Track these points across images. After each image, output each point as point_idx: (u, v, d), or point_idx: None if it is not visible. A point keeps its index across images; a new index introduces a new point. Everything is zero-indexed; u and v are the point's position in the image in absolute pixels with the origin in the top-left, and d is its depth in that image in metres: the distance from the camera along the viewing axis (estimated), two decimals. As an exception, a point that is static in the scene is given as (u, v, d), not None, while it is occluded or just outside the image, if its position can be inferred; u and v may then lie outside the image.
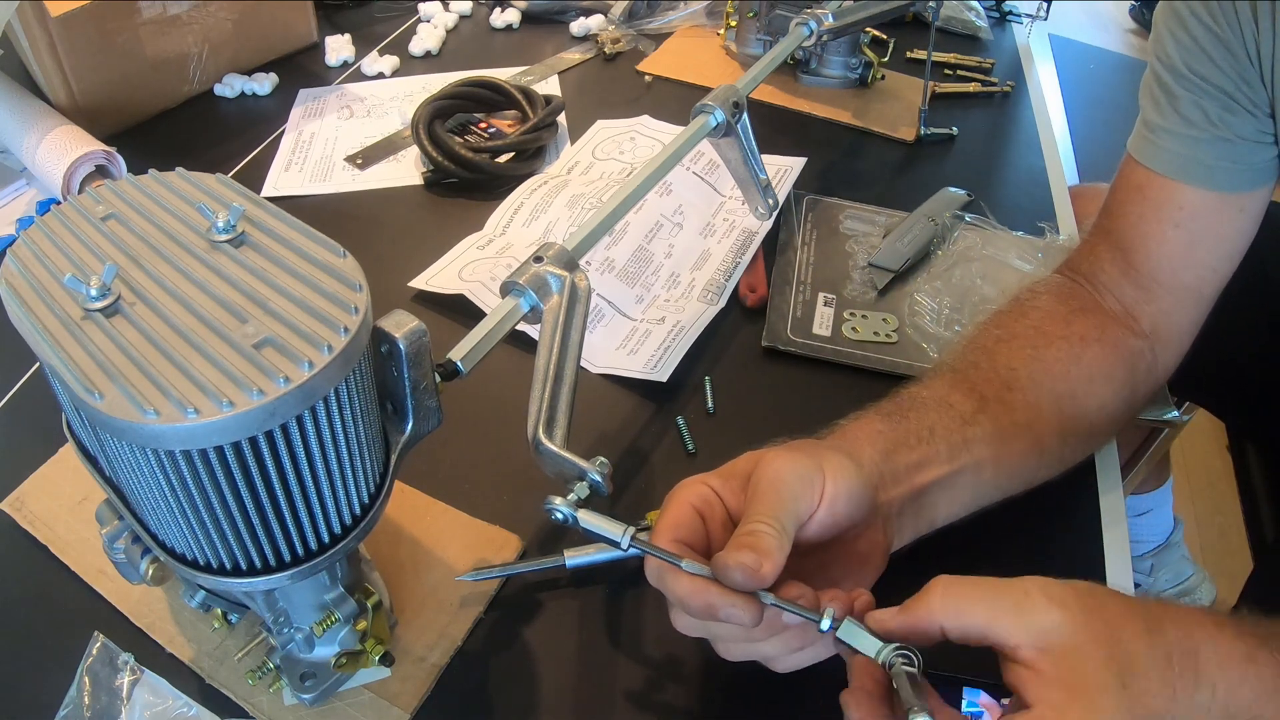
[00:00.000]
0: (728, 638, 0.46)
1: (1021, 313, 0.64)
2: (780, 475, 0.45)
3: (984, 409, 0.56)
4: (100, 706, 0.50)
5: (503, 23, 1.20)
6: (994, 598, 0.39)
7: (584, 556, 0.57)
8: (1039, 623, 0.38)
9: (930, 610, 0.40)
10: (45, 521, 0.59)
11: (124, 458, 0.38)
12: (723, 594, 0.42)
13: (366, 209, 0.89)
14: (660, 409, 0.70)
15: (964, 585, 0.40)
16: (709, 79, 1.09)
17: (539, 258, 0.55)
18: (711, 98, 0.72)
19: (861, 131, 1.02)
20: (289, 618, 0.48)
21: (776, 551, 0.42)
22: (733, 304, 0.78)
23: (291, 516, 0.40)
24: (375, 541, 0.58)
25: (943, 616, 0.40)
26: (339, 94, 1.05)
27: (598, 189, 0.86)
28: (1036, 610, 0.39)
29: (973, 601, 0.40)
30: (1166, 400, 1.05)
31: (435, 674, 0.52)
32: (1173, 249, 0.62)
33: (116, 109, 0.95)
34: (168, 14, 0.94)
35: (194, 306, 0.38)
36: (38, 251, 0.41)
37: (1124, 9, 3.18)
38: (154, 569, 0.48)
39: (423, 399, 0.45)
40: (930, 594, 0.40)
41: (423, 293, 0.77)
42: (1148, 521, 1.33)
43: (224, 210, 0.42)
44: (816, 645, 0.45)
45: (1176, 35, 0.58)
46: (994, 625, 0.39)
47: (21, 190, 0.88)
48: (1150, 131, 0.61)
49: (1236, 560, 1.50)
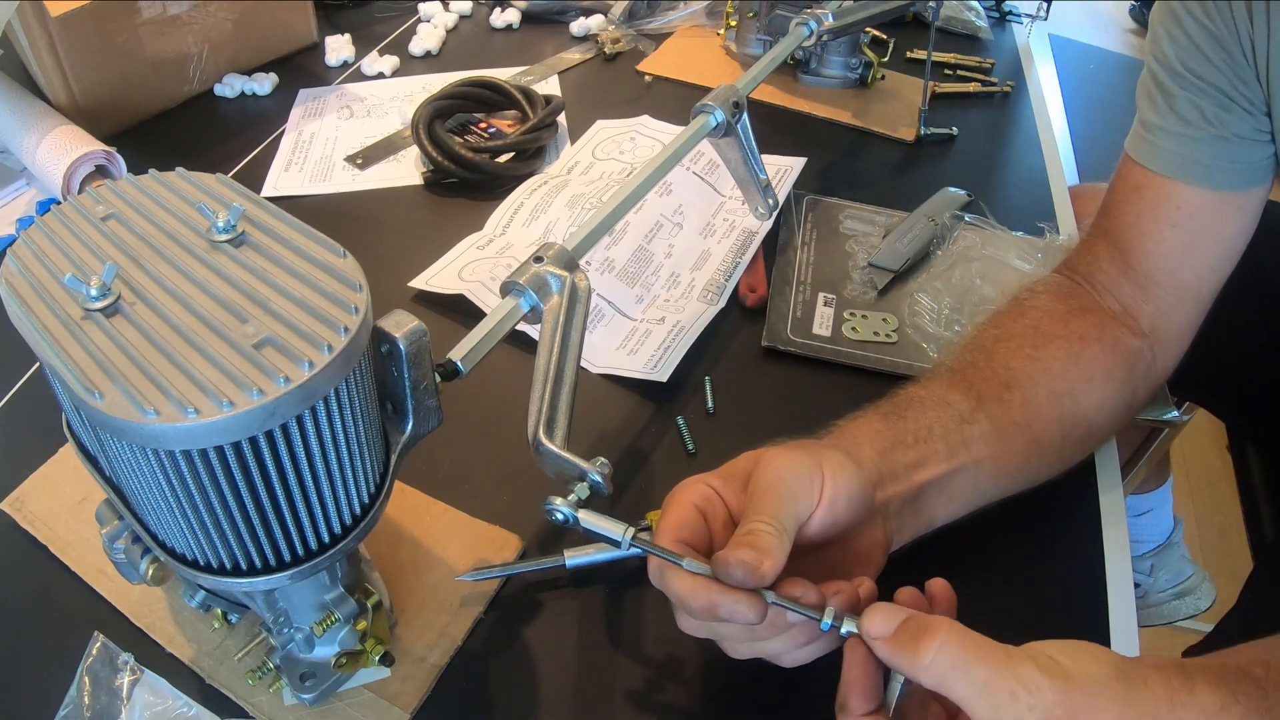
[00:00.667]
0: (733, 637, 0.46)
1: (1020, 312, 0.64)
2: (780, 474, 0.46)
3: (982, 408, 0.56)
4: (100, 706, 0.50)
5: (503, 23, 1.20)
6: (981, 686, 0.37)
7: (584, 556, 0.57)
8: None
9: (914, 668, 0.38)
10: (45, 521, 0.59)
11: (124, 458, 0.38)
12: (724, 592, 0.42)
13: (366, 209, 0.89)
14: (660, 409, 0.70)
15: (960, 654, 0.38)
16: (709, 79, 1.09)
17: (539, 258, 0.55)
18: (711, 98, 0.72)
19: (861, 131, 1.02)
20: (289, 618, 0.48)
21: (777, 550, 0.42)
22: (733, 304, 0.78)
23: (291, 516, 0.40)
24: (375, 541, 0.58)
25: (925, 678, 0.38)
26: (339, 94, 1.05)
27: (598, 189, 0.86)
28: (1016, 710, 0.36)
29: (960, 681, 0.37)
30: (1166, 400, 1.05)
31: (435, 674, 0.52)
32: (1171, 248, 0.62)
33: (116, 109, 0.95)
34: (168, 14, 0.94)
35: (194, 306, 0.38)
36: (38, 251, 0.41)
37: (1124, 9, 3.18)
38: (154, 569, 0.48)
39: (423, 399, 0.45)
40: (920, 653, 0.38)
41: (423, 293, 0.77)
42: (1148, 521, 1.33)
43: (224, 210, 0.42)
44: (824, 639, 0.45)
45: (1173, 34, 0.59)
46: (973, 709, 0.37)
47: (21, 190, 0.88)
48: (1147, 131, 0.61)
49: (1236, 560, 1.50)
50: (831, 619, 0.41)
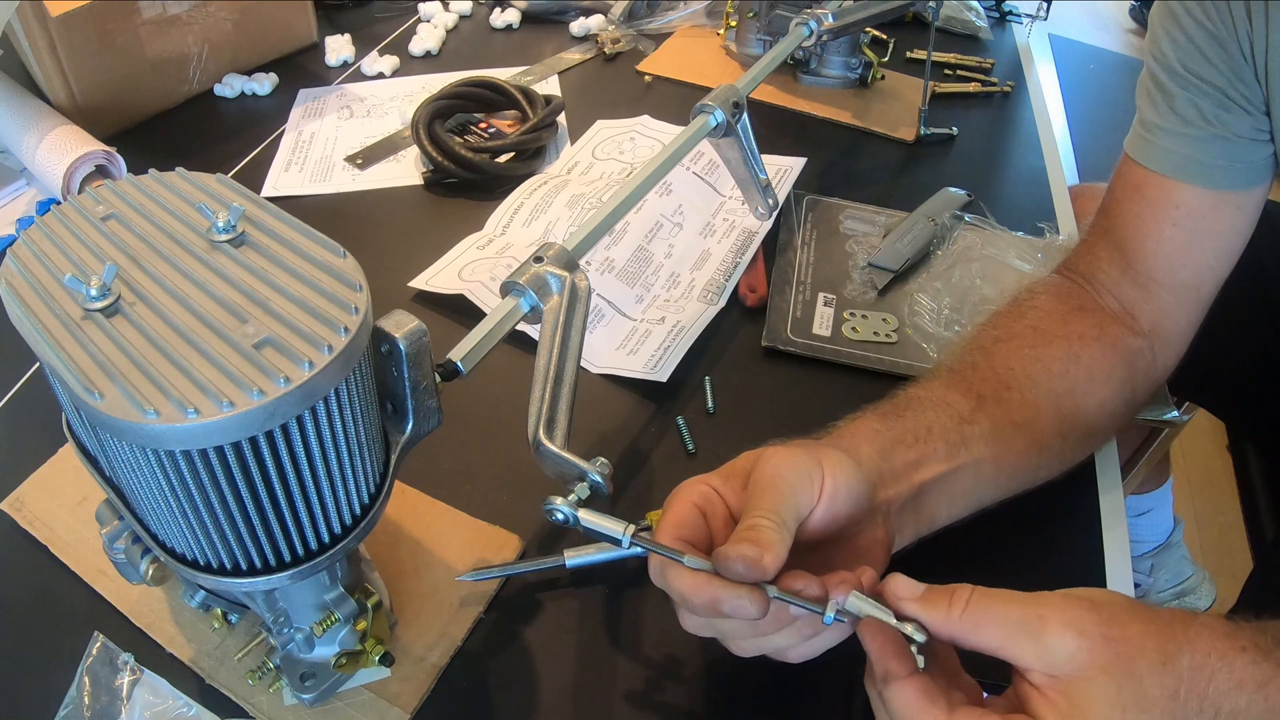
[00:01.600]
0: (736, 634, 0.46)
1: (1020, 313, 0.64)
2: (780, 471, 0.46)
3: (982, 408, 0.56)
4: (100, 706, 0.50)
5: (503, 23, 1.20)
6: (1014, 621, 0.39)
7: (584, 556, 0.57)
8: (1054, 650, 0.38)
9: (948, 619, 0.40)
10: (45, 521, 0.59)
11: (124, 458, 0.38)
12: (726, 587, 0.42)
13: (366, 209, 0.89)
14: (660, 409, 0.70)
15: (988, 601, 0.40)
16: (709, 79, 1.09)
17: (539, 258, 0.55)
18: (711, 98, 0.72)
19: (861, 131, 1.02)
20: (289, 618, 0.48)
21: (778, 544, 0.42)
22: (733, 304, 0.78)
23: (291, 516, 0.40)
24: (375, 541, 0.58)
25: (959, 628, 0.40)
26: (339, 94, 1.05)
27: (598, 189, 0.86)
28: (1053, 636, 0.38)
29: (993, 622, 0.40)
30: (1166, 400, 1.05)
31: (435, 674, 0.53)
32: (1170, 248, 0.62)
33: (116, 109, 0.95)
34: (168, 14, 0.94)
35: (194, 306, 0.38)
36: (38, 251, 0.41)
37: (1124, 9, 3.18)
38: (154, 569, 0.48)
39: (423, 399, 0.45)
40: (953, 604, 0.40)
41: (423, 293, 0.77)
42: (1148, 521, 1.33)
43: (224, 210, 0.42)
44: (830, 631, 0.45)
45: (1172, 34, 0.59)
46: (1009, 646, 0.39)
47: (21, 190, 0.88)
48: (1147, 130, 0.62)
49: (1236, 560, 1.50)
50: (834, 613, 0.41)
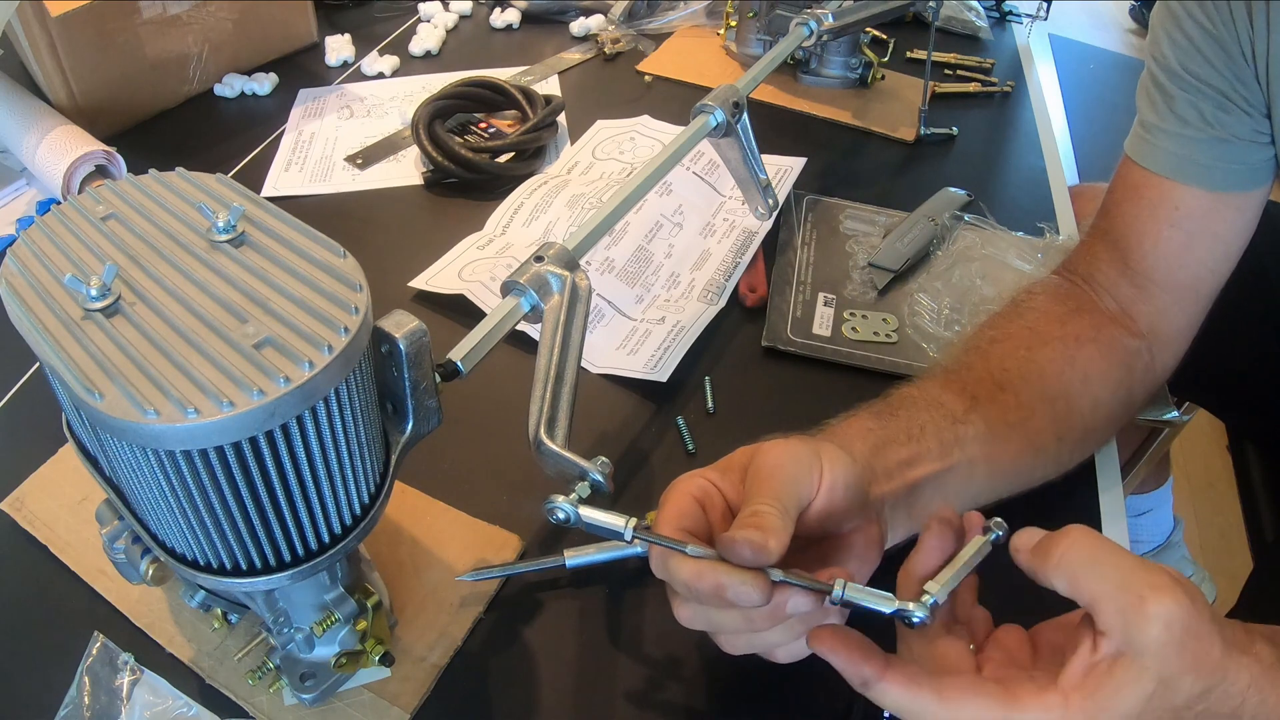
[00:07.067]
0: (730, 628, 0.46)
1: (1017, 314, 0.64)
2: (780, 461, 0.46)
3: (975, 408, 0.56)
4: (100, 706, 0.50)
5: (503, 23, 1.20)
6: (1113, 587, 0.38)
7: (584, 556, 0.57)
8: (1137, 634, 0.37)
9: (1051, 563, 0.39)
10: (45, 521, 0.59)
11: (124, 458, 0.38)
12: (731, 572, 0.42)
13: (366, 209, 0.89)
14: (660, 409, 0.70)
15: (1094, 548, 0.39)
16: (709, 79, 1.09)
17: (539, 257, 0.55)
18: (711, 98, 0.72)
19: (861, 131, 1.02)
20: (289, 618, 0.48)
21: (781, 530, 0.42)
22: (733, 304, 0.78)
23: (291, 516, 0.40)
24: (375, 541, 0.58)
25: (1058, 573, 0.39)
26: (339, 94, 1.05)
27: (598, 189, 0.86)
28: (1142, 620, 0.37)
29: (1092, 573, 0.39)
30: (1166, 400, 1.05)
31: (435, 674, 0.53)
32: (1170, 249, 0.62)
33: (116, 109, 0.95)
34: (168, 14, 0.94)
35: (194, 306, 0.38)
36: (38, 251, 0.41)
37: (1124, 9, 3.18)
38: (154, 569, 0.48)
39: (423, 399, 0.45)
40: (1058, 547, 0.39)
41: (423, 293, 0.77)
42: (1148, 521, 1.33)
43: (224, 210, 0.42)
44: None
45: (1172, 35, 0.59)
46: (1098, 606, 0.38)
47: (21, 190, 0.88)
48: (1147, 132, 0.62)
49: (1236, 560, 1.50)
50: (843, 590, 0.41)
